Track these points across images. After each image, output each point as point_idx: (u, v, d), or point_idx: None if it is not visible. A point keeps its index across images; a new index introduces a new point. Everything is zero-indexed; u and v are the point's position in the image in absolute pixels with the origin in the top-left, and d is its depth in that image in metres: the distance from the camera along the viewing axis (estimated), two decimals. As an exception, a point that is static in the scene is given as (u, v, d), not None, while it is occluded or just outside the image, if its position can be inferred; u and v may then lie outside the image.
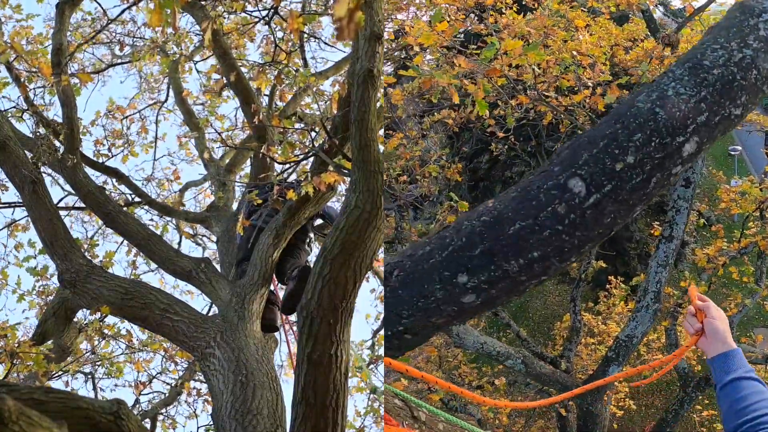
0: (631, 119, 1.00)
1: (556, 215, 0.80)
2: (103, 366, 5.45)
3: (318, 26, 6.77)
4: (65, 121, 4.37)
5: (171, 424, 6.14)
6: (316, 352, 2.64)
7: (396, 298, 0.92)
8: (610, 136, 0.96)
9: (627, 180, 0.93)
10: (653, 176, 0.95)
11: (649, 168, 0.94)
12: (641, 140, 0.95)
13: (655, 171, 0.95)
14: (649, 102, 1.03)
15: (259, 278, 3.82)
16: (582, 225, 0.83)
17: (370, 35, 2.58)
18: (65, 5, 4.30)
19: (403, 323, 0.92)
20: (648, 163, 0.95)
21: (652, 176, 0.95)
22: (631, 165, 0.92)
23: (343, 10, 0.90)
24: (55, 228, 4.03)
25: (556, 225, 0.81)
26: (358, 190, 2.69)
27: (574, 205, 0.80)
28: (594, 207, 0.83)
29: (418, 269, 0.89)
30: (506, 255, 0.82)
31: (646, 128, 0.98)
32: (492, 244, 0.81)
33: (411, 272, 0.89)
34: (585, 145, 0.94)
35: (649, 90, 1.10)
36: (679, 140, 1.00)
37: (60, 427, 0.97)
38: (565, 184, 0.79)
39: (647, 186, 0.97)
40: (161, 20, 1.62)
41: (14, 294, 5.19)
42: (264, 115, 4.59)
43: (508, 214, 0.84)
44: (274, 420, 3.05)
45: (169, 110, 7.35)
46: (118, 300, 3.75)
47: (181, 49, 6.46)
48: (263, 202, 4.05)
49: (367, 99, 2.62)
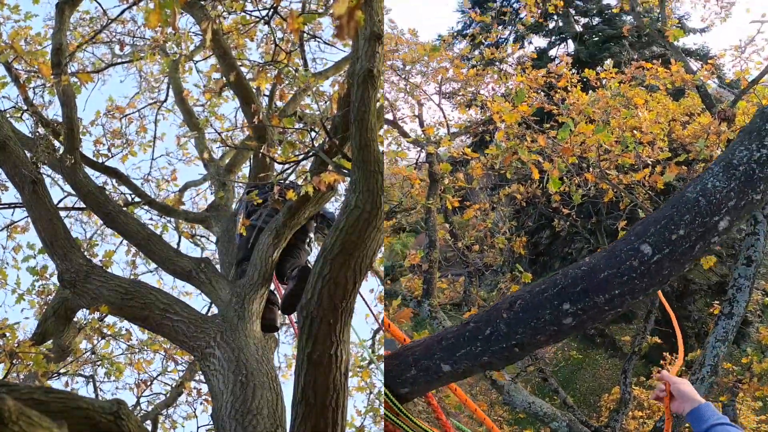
0: (682, 205, 1.48)
1: (631, 267, 1.16)
2: (103, 366, 5.44)
3: (318, 27, 6.77)
4: (65, 121, 4.37)
5: (171, 425, 6.15)
6: (316, 352, 2.64)
7: (516, 320, 1.26)
8: (668, 217, 1.42)
9: (679, 246, 1.37)
10: (697, 244, 1.40)
11: (694, 238, 1.38)
12: (689, 219, 1.40)
13: (699, 240, 1.40)
14: (694, 192, 1.52)
15: (259, 278, 3.82)
16: (648, 274, 1.19)
17: (369, 35, 2.58)
18: (65, 5, 4.30)
19: (516, 338, 1.24)
20: (693, 235, 1.39)
21: (696, 244, 1.40)
22: (682, 236, 1.36)
23: (342, 8, 0.90)
24: (55, 228, 4.03)
25: (631, 273, 1.16)
26: (358, 190, 2.69)
27: (644, 261, 1.15)
28: (657, 263, 1.20)
29: (534, 300, 1.26)
30: (596, 292, 1.18)
31: (692, 211, 1.47)
32: (588, 284, 1.17)
33: (530, 301, 1.26)
34: (652, 222, 1.39)
35: (695, 183, 1.56)
36: (715, 219, 1.45)
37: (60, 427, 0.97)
38: (638, 248, 1.15)
39: (693, 250, 1.43)
40: (160, 20, 1.62)
41: (14, 294, 5.18)
42: (264, 115, 4.59)
43: (600, 265, 1.20)
44: (274, 420, 3.05)
45: (168, 110, 7.36)
46: (118, 300, 3.75)
47: (181, 49, 6.46)
48: (263, 202, 4.04)
49: (366, 99, 2.62)
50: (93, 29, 6.44)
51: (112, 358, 5.36)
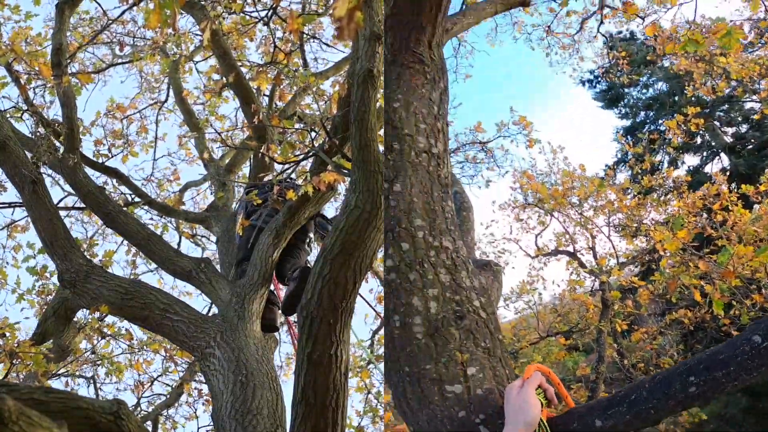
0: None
1: (744, 351, 1.46)
2: (103, 365, 5.45)
3: (319, 27, 6.78)
4: (65, 121, 4.37)
5: (172, 426, 6.15)
6: (316, 352, 2.64)
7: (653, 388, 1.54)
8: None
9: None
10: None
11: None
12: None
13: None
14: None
15: (259, 278, 3.82)
16: (758, 356, 1.45)
17: (369, 35, 2.58)
18: (65, 5, 4.30)
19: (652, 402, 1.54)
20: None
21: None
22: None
23: (343, 9, 0.90)
24: (55, 228, 4.03)
25: (743, 355, 1.46)
26: (358, 190, 2.69)
27: (755, 347, 1.44)
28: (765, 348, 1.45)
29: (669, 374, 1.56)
30: (716, 369, 1.48)
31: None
32: (709, 363, 1.50)
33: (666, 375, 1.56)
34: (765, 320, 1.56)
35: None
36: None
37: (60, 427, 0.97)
38: (751, 338, 1.46)
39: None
40: (160, 21, 1.62)
41: (13, 294, 5.18)
42: (264, 115, 4.59)
43: (720, 350, 1.51)
44: (274, 420, 3.05)
45: (169, 110, 7.36)
46: (118, 300, 3.75)
47: (181, 50, 6.46)
48: (263, 202, 4.05)
49: (366, 99, 2.62)
50: (93, 29, 6.44)
51: (112, 358, 5.37)
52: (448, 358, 1.83)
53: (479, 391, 1.80)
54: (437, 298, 1.88)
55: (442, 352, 1.84)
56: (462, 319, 1.88)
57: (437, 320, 1.86)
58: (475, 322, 1.90)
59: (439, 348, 1.84)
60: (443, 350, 1.84)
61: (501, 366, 1.90)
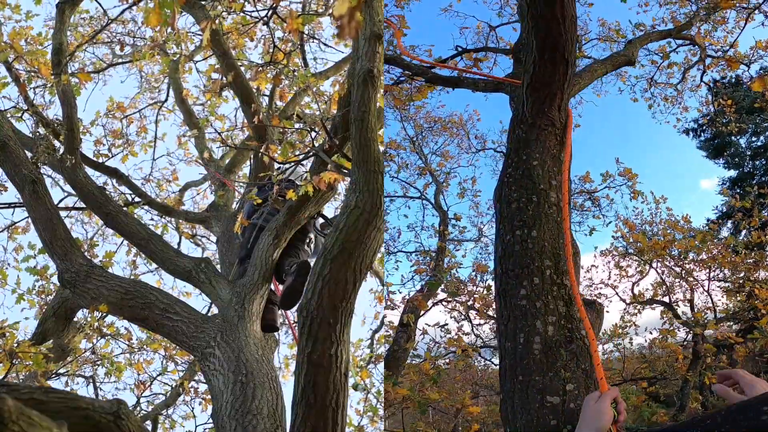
0: None
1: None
2: (103, 365, 5.44)
3: (319, 27, 6.78)
4: (65, 121, 4.37)
5: (171, 425, 6.15)
6: (316, 352, 2.64)
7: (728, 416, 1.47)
8: None
9: None
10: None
11: None
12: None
13: None
14: None
15: (259, 278, 3.82)
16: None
17: (370, 35, 2.58)
18: (65, 5, 4.30)
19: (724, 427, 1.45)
20: None
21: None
22: None
23: (343, 8, 0.90)
24: (55, 228, 4.03)
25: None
26: (358, 190, 2.69)
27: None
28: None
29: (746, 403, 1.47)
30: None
31: None
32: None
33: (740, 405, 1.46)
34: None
35: None
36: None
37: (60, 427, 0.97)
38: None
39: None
40: (159, 20, 1.62)
41: (13, 294, 5.17)
42: (264, 115, 4.59)
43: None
44: (274, 420, 3.05)
45: (169, 110, 7.36)
46: (118, 300, 3.75)
47: (181, 49, 6.46)
48: (263, 201, 4.04)
49: (367, 99, 2.62)
50: (94, 29, 6.44)
51: (112, 358, 5.36)
52: (554, 374, 2.21)
53: (572, 405, 2.14)
54: (554, 324, 2.34)
55: (551, 368, 2.23)
56: (570, 342, 2.28)
57: (552, 341, 2.30)
58: (580, 348, 2.29)
59: (549, 364, 2.24)
60: (552, 366, 2.23)
61: (594, 387, 2.18)
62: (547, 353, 2.26)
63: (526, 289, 2.51)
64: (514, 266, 2.64)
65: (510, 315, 2.47)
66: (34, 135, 4.89)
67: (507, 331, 2.43)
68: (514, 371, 2.31)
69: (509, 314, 2.47)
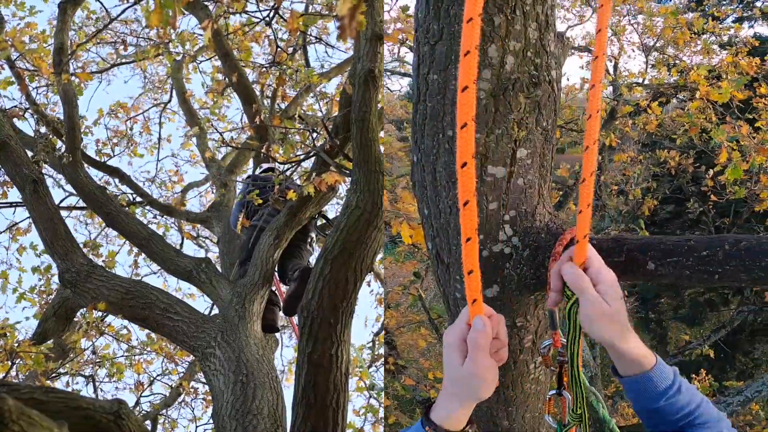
0: None
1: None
2: (103, 366, 5.45)
3: (324, 31, 6.81)
4: (66, 120, 4.37)
5: (171, 425, 6.15)
6: (316, 353, 2.64)
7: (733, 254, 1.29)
8: None
9: None
10: None
11: None
12: None
13: None
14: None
15: (260, 278, 3.82)
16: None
17: (371, 35, 2.59)
18: (67, 5, 4.31)
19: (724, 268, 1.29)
20: None
21: None
22: None
23: (345, 8, 0.90)
24: (56, 228, 4.03)
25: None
26: (358, 190, 2.69)
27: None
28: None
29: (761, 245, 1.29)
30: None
31: None
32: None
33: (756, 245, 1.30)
34: None
35: None
36: None
37: (60, 427, 0.97)
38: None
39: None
40: (161, 20, 1.62)
41: (14, 293, 5.18)
42: (265, 116, 4.59)
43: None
44: (275, 420, 3.05)
45: (173, 112, 7.38)
46: (118, 299, 3.75)
47: (185, 50, 6.47)
48: (264, 202, 4.05)
49: (368, 99, 2.62)
50: (97, 28, 6.45)
51: (113, 359, 5.37)
52: (503, 131, 1.45)
53: (520, 182, 1.48)
54: (517, 55, 1.44)
55: (500, 122, 1.45)
56: (536, 87, 1.48)
57: (509, 80, 1.46)
58: (547, 96, 1.50)
59: (499, 116, 1.45)
60: (502, 120, 1.45)
61: (549, 156, 1.55)
62: (498, 98, 1.43)
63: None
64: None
65: (445, 27, 1.43)
66: (36, 134, 4.89)
67: (434, 54, 1.46)
68: (440, 122, 1.49)
69: (443, 27, 1.43)
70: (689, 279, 1.34)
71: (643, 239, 1.44)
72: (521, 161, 1.47)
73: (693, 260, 1.32)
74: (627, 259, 1.38)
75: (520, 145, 1.46)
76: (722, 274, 1.28)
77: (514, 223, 1.48)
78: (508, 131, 1.45)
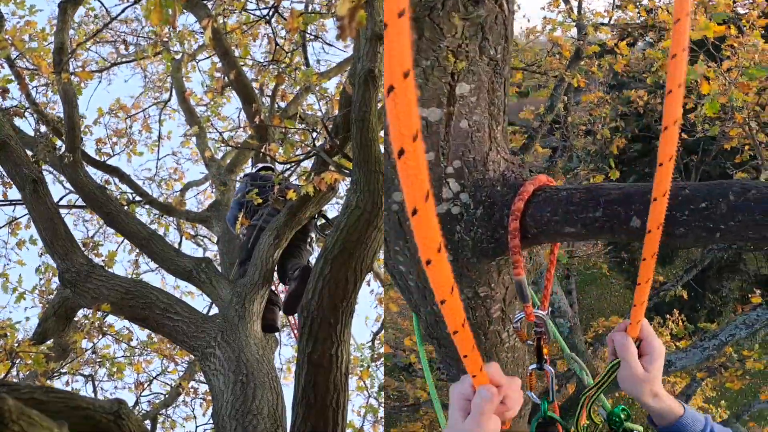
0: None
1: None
2: (103, 366, 5.45)
3: (322, 28, 6.79)
4: (66, 119, 4.37)
5: (171, 425, 6.15)
6: (316, 352, 2.64)
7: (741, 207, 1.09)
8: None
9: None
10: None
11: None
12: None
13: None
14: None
15: (260, 278, 3.82)
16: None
17: (371, 35, 2.58)
18: (67, 4, 4.30)
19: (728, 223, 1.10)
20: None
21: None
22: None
23: (344, 8, 0.90)
24: (56, 227, 4.02)
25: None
26: (358, 190, 2.69)
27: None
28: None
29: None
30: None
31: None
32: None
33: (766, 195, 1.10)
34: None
35: None
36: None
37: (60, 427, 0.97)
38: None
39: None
40: (161, 18, 1.62)
41: (14, 293, 5.17)
42: (265, 115, 4.59)
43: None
44: (275, 420, 3.05)
45: (173, 110, 7.37)
46: (118, 299, 3.75)
47: (184, 48, 6.47)
48: (264, 201, 4.05)
49: (368, 99, 2.62)
50: (97, 27, 6.45)
51: (113, 359, 5.37)
52: (434, 61, 1.13)
53: (464, 124, 1.20)
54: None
55: (428, 50, 1.12)
56: (477, 4, 1.13)
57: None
58: (495, 17, 1.17)
59: (425, 42, 1.11)
60: (431, 47, 1.12)
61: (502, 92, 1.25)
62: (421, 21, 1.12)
63: None
64: None
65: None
66: (36, 133, 4.89)
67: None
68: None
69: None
70: (684, 237, 1.10)
71: (624, 188, 1.18)
72: (463, 99, 1.17)
73: (689, 215, 1.09)
74: (606, 215, 1.15)
75: (459, 79, 1.15)
76: (725, 231, 1.06)
77: (461, 176, 1.22)
78: (440, 62, 1.13)
